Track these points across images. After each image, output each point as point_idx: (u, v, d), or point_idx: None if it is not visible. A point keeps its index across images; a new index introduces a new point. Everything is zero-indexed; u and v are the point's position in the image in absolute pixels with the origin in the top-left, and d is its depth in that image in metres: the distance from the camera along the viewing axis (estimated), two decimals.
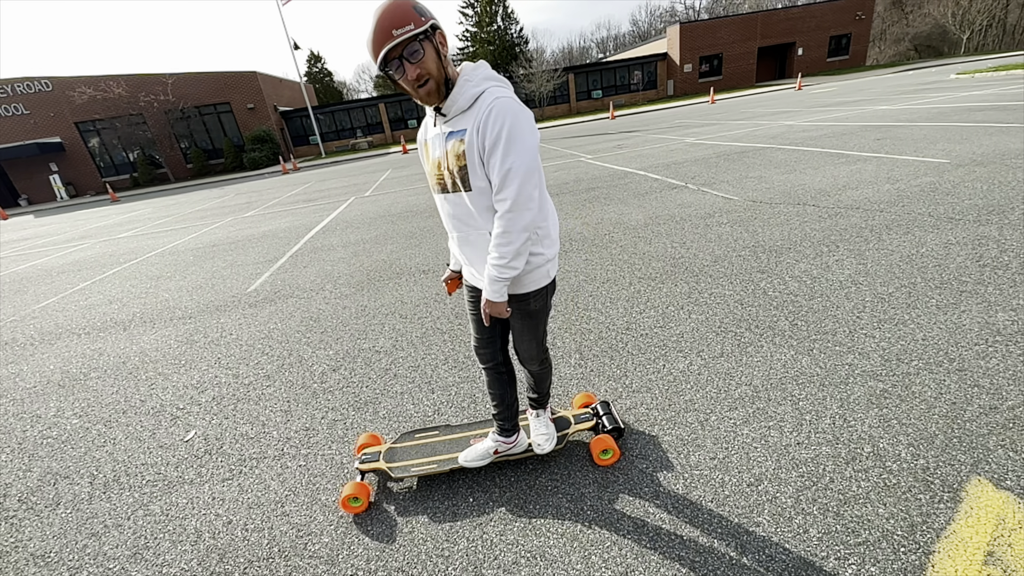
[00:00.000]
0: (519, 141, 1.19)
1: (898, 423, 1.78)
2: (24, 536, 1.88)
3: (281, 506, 1.84)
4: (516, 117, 1.20)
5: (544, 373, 1.75)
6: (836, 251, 3.39)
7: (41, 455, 2.42)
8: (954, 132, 6.88)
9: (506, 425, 1.77)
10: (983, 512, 1.40)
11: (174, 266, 6.19)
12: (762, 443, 1.78)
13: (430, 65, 1.16)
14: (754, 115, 13.86)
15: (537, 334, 1.60)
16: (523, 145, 1.20)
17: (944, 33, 39.36)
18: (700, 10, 60.04)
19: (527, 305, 1.49)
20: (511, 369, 1.76)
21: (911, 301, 2.60)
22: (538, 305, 1.51)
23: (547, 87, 29.80)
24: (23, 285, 6.44)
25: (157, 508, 1.93)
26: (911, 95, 12.88)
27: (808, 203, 4.59)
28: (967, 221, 3.55)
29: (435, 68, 1.17)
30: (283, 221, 8.44)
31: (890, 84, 17.97)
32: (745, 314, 2.74)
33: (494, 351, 1.68)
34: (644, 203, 5.60)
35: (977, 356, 2.07)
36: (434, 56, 1.17)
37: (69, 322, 4.49)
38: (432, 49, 1.16)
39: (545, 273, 1.45)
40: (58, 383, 3.22)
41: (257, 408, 2.55)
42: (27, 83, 24.29)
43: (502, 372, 1.72)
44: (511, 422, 1.77)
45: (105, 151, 26.84)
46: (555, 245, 1.46)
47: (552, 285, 1.52)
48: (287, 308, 3.98)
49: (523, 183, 1.22)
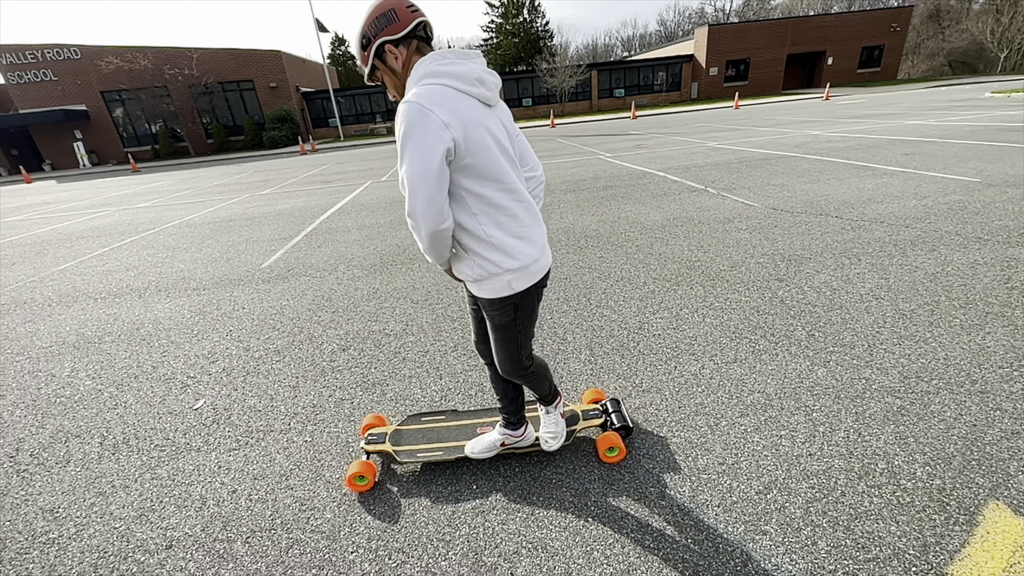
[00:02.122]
0: (408, 148, 1.13)
1: (915, 441, 1.73)
2: (35, 490, 1.92)
3: (286, 479, 1.85)
4: (408, 121, 1.12)
5: (530, 382, 1.64)
6: (858, 264, 3.32)
7: (54, 413, 2.46)
8: (986, 151, 6.70)
9: (512, 419, 1.75)
10: (1000, 537, 1.36)
11: (190, 238, 6.26)
12: (773, 451, 1.75)
13: (384, 80, 1.32)
14: (779, 123, 13.62)
15: (510, 348, 1.48)
16: (412, 152, 1.13)
17: (981, 50, 38.27)
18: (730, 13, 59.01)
19: (492, 314, 1.41)
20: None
21: (934, 319, 2.53)
22: (504, 320, 1.41)
23: (569, 83, 29.54)
24: (43, 248, 6.56)
25: (164, 472, 1.95)
26: (943, 111, 12.56)
27: (831, 214, 4.49)
28: (996, 242, 3.45)
29: (388, 81, 1.31)
30: (299, 200, 8.48)
31: (922, 99, 17.55)
32: (761, 321, 2.69)
33: (489, 348, 1.66)
34: (662, 204, 5.53)
35: (1001, 379, 2.02)
36: (386, 71, 1.29)
37: (86, 286, 4.56)
38: (382, 66, 1.29)
39: (505, 284, 1.32)
40: (73, 344, 3.27)
41: (266, 382, 2.57)
42: (56, 50, 24.63)
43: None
44: (516, 416, 1.75)
45: (128, 121, 27.20)
46: (519, 257, 1.32)
47: (523, 300, 1.39)
48: (300, 286, 4.00)
49: (411, 192, 1.16)
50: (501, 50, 44.96)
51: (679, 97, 32.78)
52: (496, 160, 1.24)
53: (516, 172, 1.35)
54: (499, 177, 1.26)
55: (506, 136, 1.32)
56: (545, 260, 1.41)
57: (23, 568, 1.57)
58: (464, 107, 1.18)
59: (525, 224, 1.34)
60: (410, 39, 1.25)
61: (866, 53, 32.31)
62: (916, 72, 44.66)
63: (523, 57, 43.48)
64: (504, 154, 1.28)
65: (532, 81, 31.37)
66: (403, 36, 1.23)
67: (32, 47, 24.50)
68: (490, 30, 46.31)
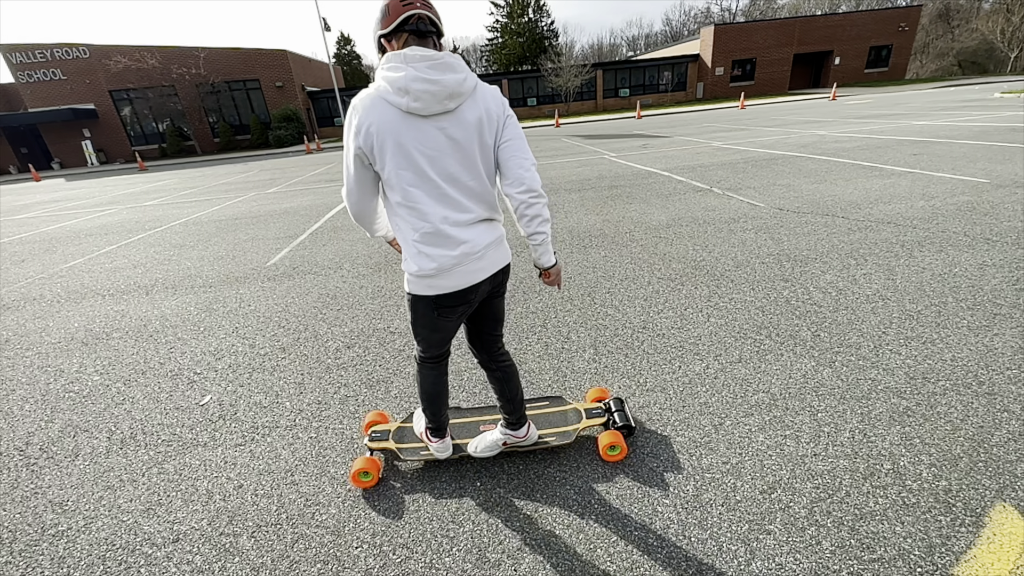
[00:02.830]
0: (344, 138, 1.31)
1: (921, 442, 1.72)
2: (44, 483, 1.94)
3: (291, 475, 1.86)
4: (346, 116, 1.29)
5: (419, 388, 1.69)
6: (864, 264, 3.30)
7: (63, 408, 2.49)
8: (996, 152, 6.63)
9: (511, 419, 1.75)
10: (1007, 539, 1.35)
11: (197, 236, 6.30)
12: (777, 451, 1.75)
13: None
14: (785, 123, 13.55)
15: (415, 330, 1.57)
16: (344, 142, 1.31)
17: (991, 50, 37.88)
18: (736, 12, 58.71)
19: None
20: (504, 367, 1.70)
21: (941, 320, 2.52)
22: (410, 311, 1.50)
23: (574, 83, 29.49)
24: (52, 245, 6.62)
25: (171, 467, 1.97)
26: (952, 112, 12.45)
27: (837, 214, 4.47)
28: (1005, 243, 3.42)
29: None
30: (305, 199, 8.52)
31: (930, 99, 17.40)
32: (766, 321, 2.68)
33: (476, 348, 1.70)
34: (667, 204, 5.52)
35: (1008, 381, 2.00)
36: None
37: (94, 283, 4.60)
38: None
39: (409, 280, 1.41)
40: (81, 340, 3.30)
41: (272, 379, 2.58)
42: (65, 49, 24.85)
43: (492, 369, 1.69)
44: (515, 415, 1.75)
45: (136, 120, 27.40)
46: (416, 262, 1.34)
47: (424, 305, 1.42)
48: (305, 284, 4.02)
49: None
50: (506, 50, 44.96)
51: (684, 97, 32.65)
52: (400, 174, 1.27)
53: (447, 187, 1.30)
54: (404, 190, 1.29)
55: (440, 148, 1.26)
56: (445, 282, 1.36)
57: (33, 560, 1.59)
58: (381, 116, 1.22)
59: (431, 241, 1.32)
60: (400, 32, 1.23)
61: (874, 53, 32.04)
62: (925, 72, 44.26)
63: (528, 57, 43.46)
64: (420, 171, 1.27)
65: (537, 81, 31.35)
66: (392, 29, 1.23)
67: (41, 46, 24.73)
68: (495, 30, 46.32)
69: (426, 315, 1.46)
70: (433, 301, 1.41)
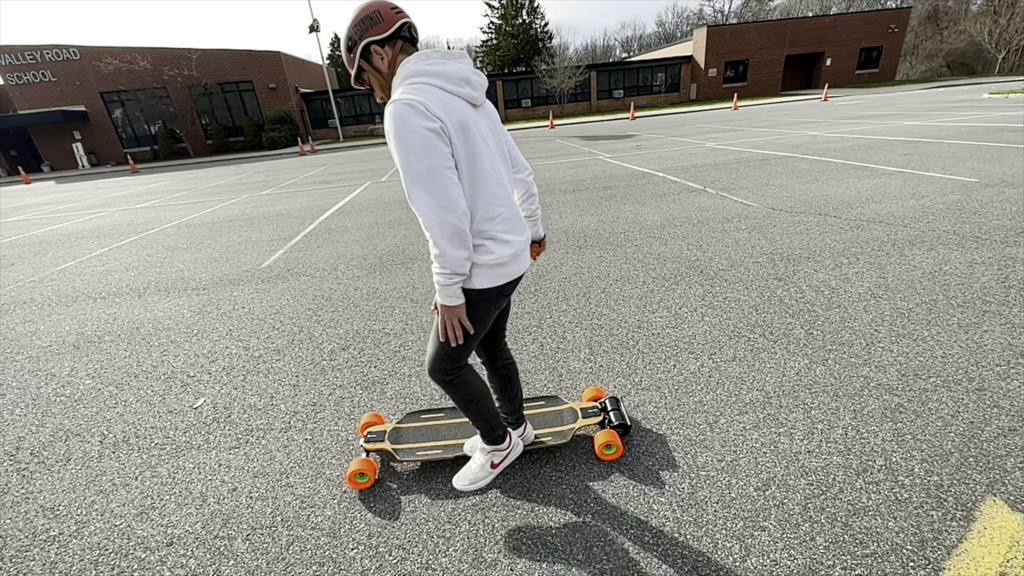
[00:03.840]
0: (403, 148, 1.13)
1: (912, 438, 1.74)
2: (35, 488, 1.92)
3: (286, 477, 1.85)
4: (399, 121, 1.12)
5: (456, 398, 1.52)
6: (856, 263, 3.33)
7: (54, 412, 2.46)
8: (984, 151, 6.72)
9: (510, 419, 1.76)
10: (997, 532, 1.37)
11: (190, 238, 6.26)
12: (771, 449, 1.76)
13: (371, 81, 1.34)
14: (777, 123, 13.65)
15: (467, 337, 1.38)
16: (408, 152, 1.13)
17: (979, 51, 38.38)
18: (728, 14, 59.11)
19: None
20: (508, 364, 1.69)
21: (931, 318, 2.54)
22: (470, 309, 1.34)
23: (568, 84, 29.58)
24: (43, 248, 6.55)
25: (164, 471, 1.95)
26: (941, 112, 12.60)
27: (829, 214, 4.51)
28: (994, 241, 3.47)
29: (375, 82, 1.33)
30: (299, 201, 8.49)
31: (920, 100, 17.60)
32: (760, 320, 2.70)
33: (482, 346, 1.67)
34: (661, 204, 5.55)
35: (998, 377, 2.03)
36: (372, 72, 1.30)
37: (86, 286, 4.56)
38: (368, 67, 1.30)
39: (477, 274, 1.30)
40: (73, 344, 3.27)
41: (266, 381, 2.57)
42: (55, 51, 24.62)
43: (497, 367, 1.68)
44: (515, 415, 1.75)
45: (128, 122, 27.19)
46: (495, 250, 1.30)
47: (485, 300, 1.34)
48: (299, 286, 4.00)
49: (409, 185, 1.15)
50: (500, 51, 45.02)
51: (678, 98, 32.83)
52: (484, 160, 1.26)
53: (508, 173, 1.39)
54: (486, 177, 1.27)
55: (493, 138, 1.34)
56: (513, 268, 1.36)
57: (24, 566, 1.57)
58: (453, 106, 1.19)
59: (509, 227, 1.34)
60: (395, 39, 1.26)
61: (864, 54, 32.38)
62: (914, 73, 44.78)
63: (522, 58, 43.56)
64: (491, 157, 1.29)
65: (531, 82, 31.41)
66: (388, 36, 1.24)
67: (31, 48, 24.49)
68: (489, 31, 46.36)
69: (486, 311, 1.37)
70: (497, 292, 1.35)
